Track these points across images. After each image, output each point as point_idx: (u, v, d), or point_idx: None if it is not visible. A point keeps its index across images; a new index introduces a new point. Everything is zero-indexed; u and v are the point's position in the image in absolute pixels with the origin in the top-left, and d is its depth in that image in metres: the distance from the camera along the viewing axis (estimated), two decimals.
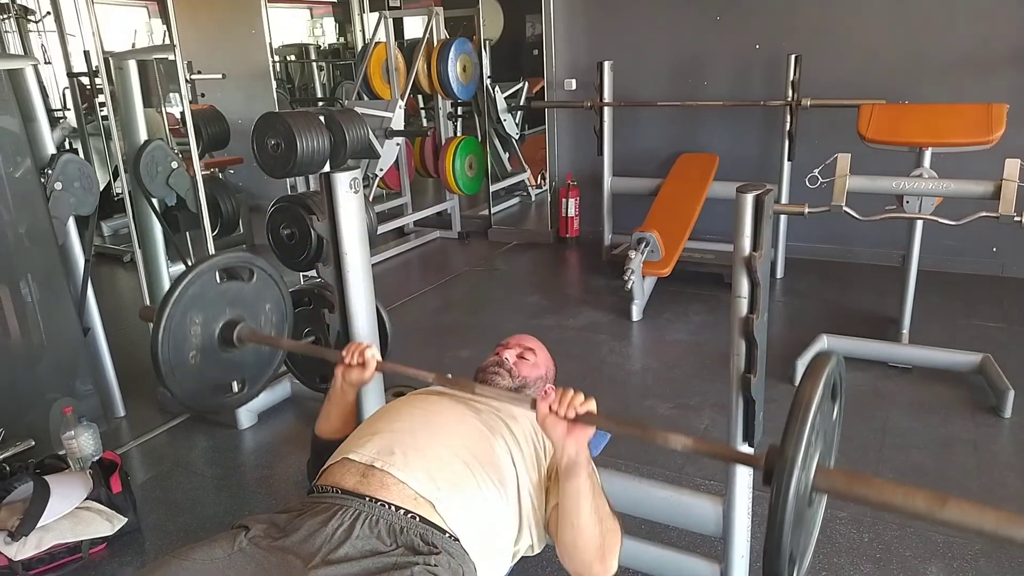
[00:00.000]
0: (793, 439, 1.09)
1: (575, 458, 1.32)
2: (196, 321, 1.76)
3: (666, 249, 3.71)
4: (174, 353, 1.72)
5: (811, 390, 1.14)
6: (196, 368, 1.78)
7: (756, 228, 1.41)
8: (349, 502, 1.27)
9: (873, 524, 2.09)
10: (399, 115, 4.58)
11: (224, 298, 1.82)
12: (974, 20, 3.81)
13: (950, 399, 2.77)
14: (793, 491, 1.07)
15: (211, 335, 1.80)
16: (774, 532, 1.07)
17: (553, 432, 1.31)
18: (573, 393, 1.32)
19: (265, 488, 2.47)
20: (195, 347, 1.77)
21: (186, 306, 1.73)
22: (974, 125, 2.78)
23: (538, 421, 1.33)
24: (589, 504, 1.33)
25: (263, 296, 1.93)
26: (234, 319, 1.83)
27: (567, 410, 1.29)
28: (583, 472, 1.32)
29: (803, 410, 1.11)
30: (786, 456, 1.07)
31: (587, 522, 1.33)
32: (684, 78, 4.59)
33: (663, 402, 2.86)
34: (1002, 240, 3.96)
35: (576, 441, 1.31)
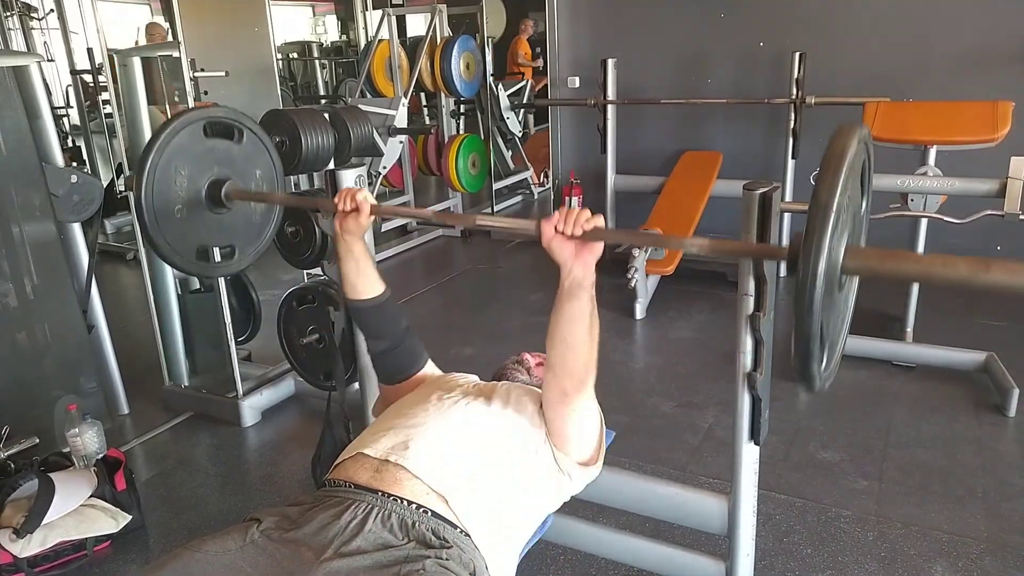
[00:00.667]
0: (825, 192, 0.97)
1: (581, 280, 1.30)
2: (182, 173, 1.71)
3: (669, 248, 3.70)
4: (158, 202, 1.67)
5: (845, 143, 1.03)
6: (182, 223, 1.74)
7: (763, 226, 1.41)
8: (362, 496, 1.27)
9: (878, 523, 2.09)
10: (402, 113, 4.57)
11: (211, 155, 1.78)
12: (979, 17, 3.80)
13: (954, 397, 2.76)
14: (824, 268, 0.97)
15: (198, 191, 1.76)
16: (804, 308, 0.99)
17: (560, 253, 1.28)
18: (578, 210, 1.28)
19: (269, 485, 2.47)
20: (181, 200, 1.73)
21: (171, 155, 1.68)
22: (979, 123, 2.78)
23: (543, 243, 1.29)
24: (586, 324, 1.33)
25: (253, 160, 1.88)
26: (222, 177, 1.79)
27: (573, 227, 1.26)
28: (585, 295, 1.31)
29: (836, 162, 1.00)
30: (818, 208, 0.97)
31: (581, 340, 1.33)
32: (688, 75, 4.58)
33: (667, 400, 2.86)
34: (1006, 238, 3.95)
35: (584, 263, 1.29)
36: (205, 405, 2.92)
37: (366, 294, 1.62)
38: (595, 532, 1.91)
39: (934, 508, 2.13)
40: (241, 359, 2.97)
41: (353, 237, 1.57)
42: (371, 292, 1.62)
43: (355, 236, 1.58)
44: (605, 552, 1.92)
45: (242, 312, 3.09)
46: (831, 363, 1.24)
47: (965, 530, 2.04)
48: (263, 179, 1.92)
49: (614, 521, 2.04)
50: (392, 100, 4.69)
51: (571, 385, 1.37)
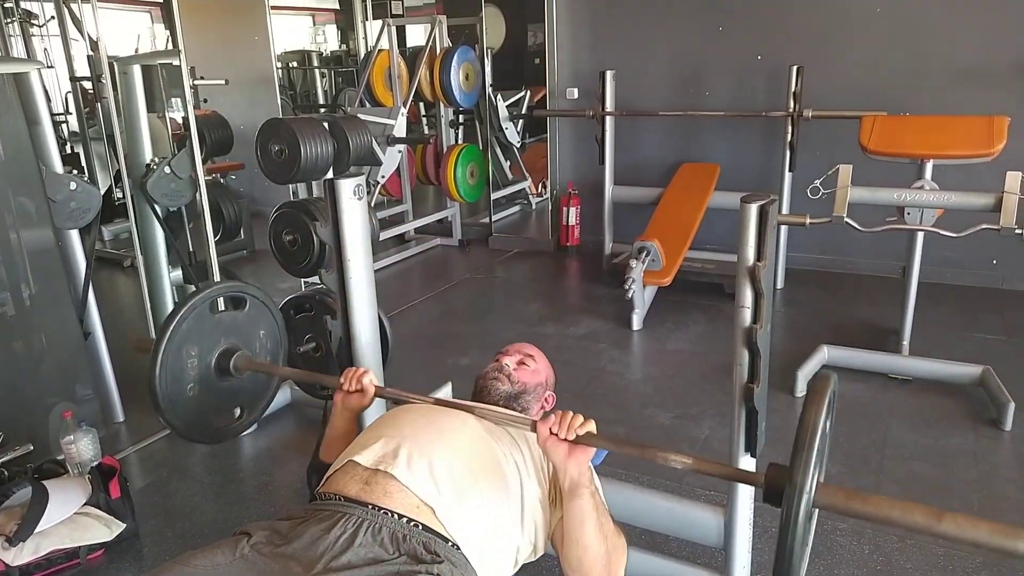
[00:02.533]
0: (800, 469, 1.12)
1: (577, 479, 1.33)
2: (192, 353, 1.79)
3: (667, 258, 3.71)
4: (171, 387, 1.75)
5: (815, 416, 1.17)
6: (194, 400, 1.81)
7: (760, 238, 1.42)
8: (352, 510, 1.27)
9: (874, 536, 2.08)
10: (401, 122, 4.58)
11: (218, 328, 1.85)
12: (975, 32, 3.83)
13: (950, 411, 2.76)
14: (802, 518, 1.11)
15: (207, 366, 1.83)
16: (784, 557, 1.11)
17: (554, 454, 1.33)
18: (572, 415, 1.33)
19: (264, 495, 2.46)
20: (192, 379, 1.80)
21: (181, 340, 1.76)
22: (976, 137, 2.79)
23: (539, 443, 1.35)
24: (593, 523, 1.34)
25: (257, 323, 1.96)
26: (230, 348, 1.86)
27: (567, 432, 1.31)
28: (585, 492, 1.34)
29: (808, 438, 1.15)
30: (795, 485, 1.11)
31: (592, 540, 1.34)
32: (686, 88, 4.60)
33: (663, 411, 2.85)
34: (1002, 252, 3.97)
35: (577, 463, 1.32)
36: None
37: None
38: None
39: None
40: None
41: (352, 413, 1.64)
42: None
43: (355, 413, 1.64)
44: None
45: None
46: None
47: (958, 544, 2.03)
48: (267, 337, 2.01)
49: None
50: (391, 110, 4.70)
51: None
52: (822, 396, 1.20)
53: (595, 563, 1.35)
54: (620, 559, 1.40)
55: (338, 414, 1.63)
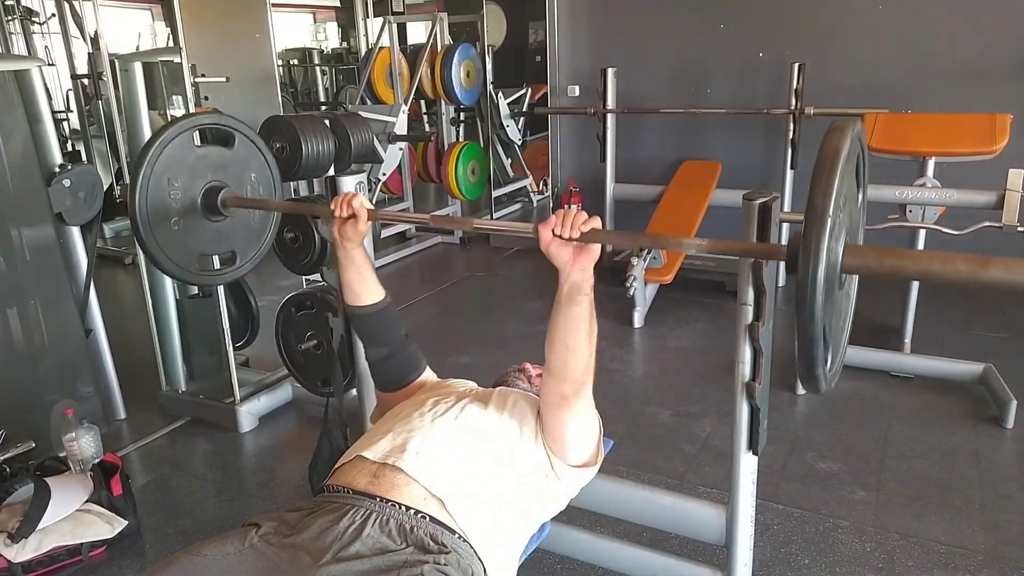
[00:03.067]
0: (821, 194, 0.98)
1: (580, 283, 1.31)
2: (175, 184, 1.70)
3: (668, 256, 3.71)
4: (154, 216, 1.66)
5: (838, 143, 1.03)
6: (180, 234, 1.73)
7: (762, 235, 1.41)
8: (360, 502, 1.27)
9: (876, 533, 2.09)
10: (402, 120, 4.58)
11: (204, 162, 1.76)
12: (978, 30, 3.82)
13: (952, 409, 2.76)
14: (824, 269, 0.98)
15: (193, 200, 1.74)
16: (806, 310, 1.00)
17: (559, 257, 1.29)
18: (575, 212, 1.29)
19: (266, 492, 2.46)
20: (176, 212, 1.72)
21: (163, 167, 1.67)
22: (978, 135, 2.79)
23: (542, 247, 1.30)
24: (586, 329, 1.34)
25: (247, 163, 1.86)
26: (216, 185, 1.77)
27: (571, 230, 1.27)
28: (585, 299, 1.32)
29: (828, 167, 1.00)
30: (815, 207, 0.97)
31: (581, 344, 1.34)
32: (687, 85, 4.60)
33: (665, 409, 2.85)
34: (1003, 250, 3.92)
35: (581, 266, 1.30)
36: (202, 410, 2.92)
37: (367, 300, 1.62)
38: (593, 541, 1.90)
39: (932, 519, 2.13)
40: (239, 364, 2.97)
41: (352, 244, 1.58)
42: (372, 298, 1.62)
43: (354, 243, 1.58)
44: (603, 561, 1.92)
45: (240, 318, 3.08)
46: (835, 363, 1.24)
47: (963, 542, 2.03)
48: (259, 182, 1.91)
49: (612, 530, 2.03)
50: (392, 107, 4.70)
51: (571, 389, 1.38)
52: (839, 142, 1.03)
53: (579, 365, 1.35)
54: (593, 365, 1.39)
55: (341, 250, 1.57)
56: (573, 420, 1.43)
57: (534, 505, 1.45)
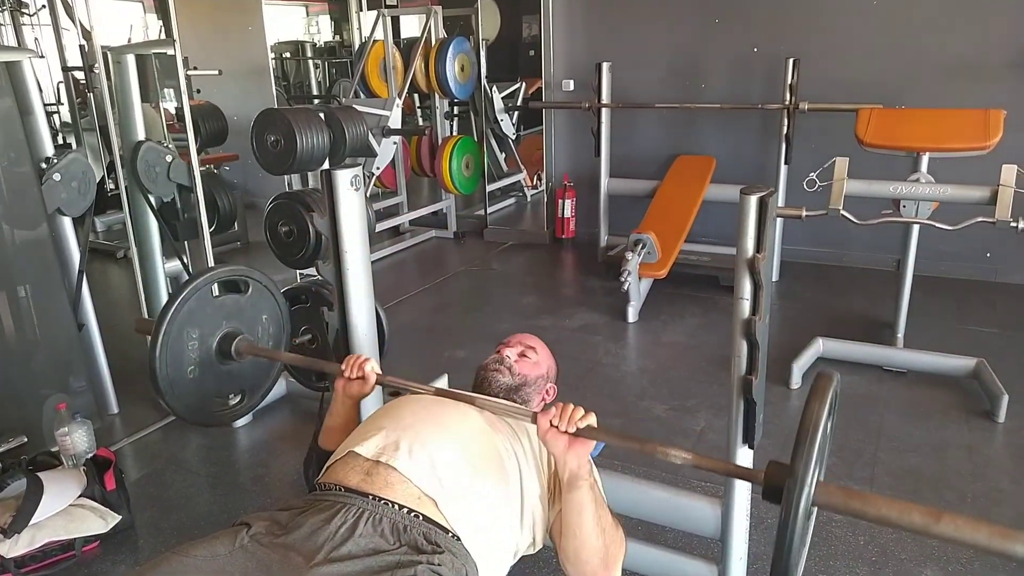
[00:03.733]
0: (802, 466, 1.12)
1: (576, 471, 1.33)
2: (193, 336, 1.78)
3: (663, 251, 3.71)
4: (172, 369, 1.74)
5: (818, 414, 1.18)
6: (194, 383, 1.80)
7: (760, 230, 1.42)
8: (353, 500, 1.26)
9: (869, 527, 2.09)
10: (396, 114, 4.57)
11: (220, 311, 1.84)
12: (972, 26, 3.83)
13: (945, 403, 2.78)
14: (801, 518, 1.11)
15: (208, 349, 1.82)
16: (783, 555, 1.11)
17: (554, 447, 1.33)
18: (573, 408, 1.33)
19: (260, 486, 2.45)
20: (193, 362, 1.79)
21: (183, 322, 1.75)
22: (971, 130, 2.79)
23: (539, 435, 1.34)
24: (592, 516, 1.35)
25: (259, 307, 1.95)
26: (231, 332, 1.85)
27: (567, 424, 1.31)
28: (584, 484, 1.34)
29: (810, 435, 1.15)
30: (795, 484, 1.11)
31: (590, 533, 1.34)
32: (682, 80, 4.60)
33: (659, 403, 2.86)
34: (996, 245, 3.98)
35: (577, 455, 1.32)
36: None
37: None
38: None
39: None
40: None
41: (353, 401, 1.62)
42: None
43: (355, 400, 1.62)
44: None
45: None
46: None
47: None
48: (270, 322, 1.99)
49: None
50: (386, 101, 4.69)
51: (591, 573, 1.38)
52: (824, 394, 1.20)
53: (592, 555, 1.35)
54: (618, 552, 1.40)
55: (339, 401, 1.62)
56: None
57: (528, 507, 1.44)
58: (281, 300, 2.04)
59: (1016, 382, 2.71)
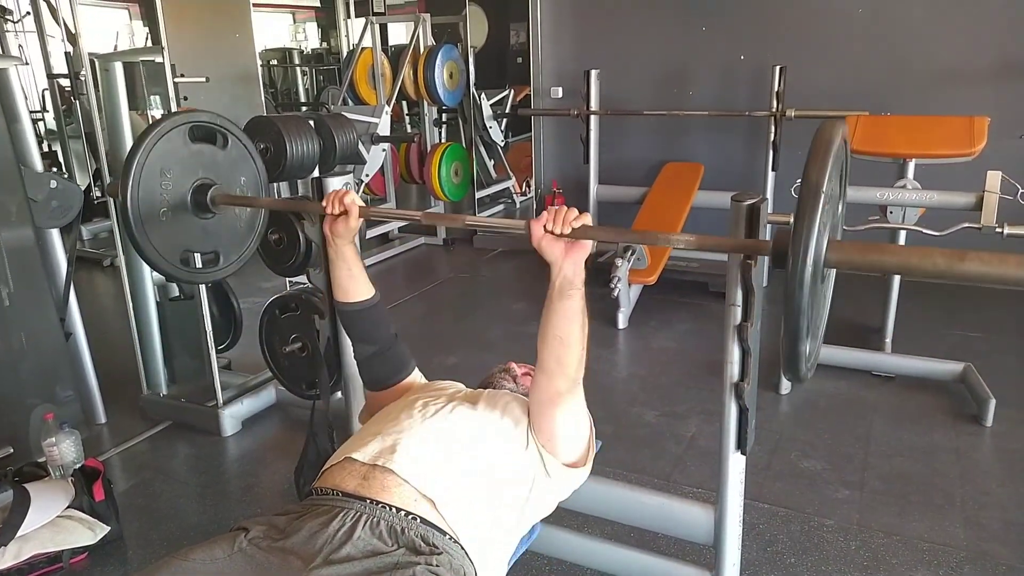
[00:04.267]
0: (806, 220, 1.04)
1: (571, 278, 1.33)
2: (167, 176, 1.70)
3: (652, 257, 3.72)
4: (144, 205, 1.66)
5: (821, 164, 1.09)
6: (167, 226, 1.72)
7: (751, 236, 1.42)
8: (350, 504, 1.26)
9: (860, 532, 2.11)
10: (385, 120, 4.57)
11: (197, 159, 1.76)
12: (956, 34, 3.88)
13: (933, 407, 2.80)
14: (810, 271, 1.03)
15: (183, 194, 1.74)
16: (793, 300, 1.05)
17: (550, 252, 1.32)
18: (567, 209, 1.31)
19: (250, 496, 2.44)
20: (166, 204, 1.71)
21: (157, 157, 1.67)
22: (957, 137, 2.83)
23: (534, 243, 1.33)
24: (579, 322, 1.36)
25: (238, 166, 1.87)
26: (207, 182, 1.78)
27: (562, 226, 1.29)
28: (577, 292, 1.34)
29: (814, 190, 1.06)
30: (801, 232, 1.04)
31: (575, 338, 1.36)
32: (670, 87, 4.62)
33: (650, 409, 2.86)
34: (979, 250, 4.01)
35: (573, 261, 1.32)
36: (184, 414, 2.88)
37: (356, 297, 1.63)
38: (581, 542, 1.90)
39: (915, 517, 2.16)
40: (221, 368, 2.94)
41: (343, 241, 1.59)
42: (361, 295, 1.63)
43: (345, 240, 1.59)
44: (591, 562, 1.92)
45: (223, 320, 3.05)
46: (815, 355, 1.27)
47: (945, 539, 2.06)
48: (247, 186, 1.91)
49: (599, 531, 2.04)
50: (375, 108, 4.68)
51: (564, 385, 1.40)
52: (828, 143, 1.11)
53: (572, 359, 1.37)
54: (585, 357, 1.41)
55: (331, 247, 1.60)
56: (565, 416, 1.44)
57: (525, 506, 1.44)
58: (260, 163, 1.93)
59: (1003, 386, 2.74)
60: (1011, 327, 3.52)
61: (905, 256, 1.05)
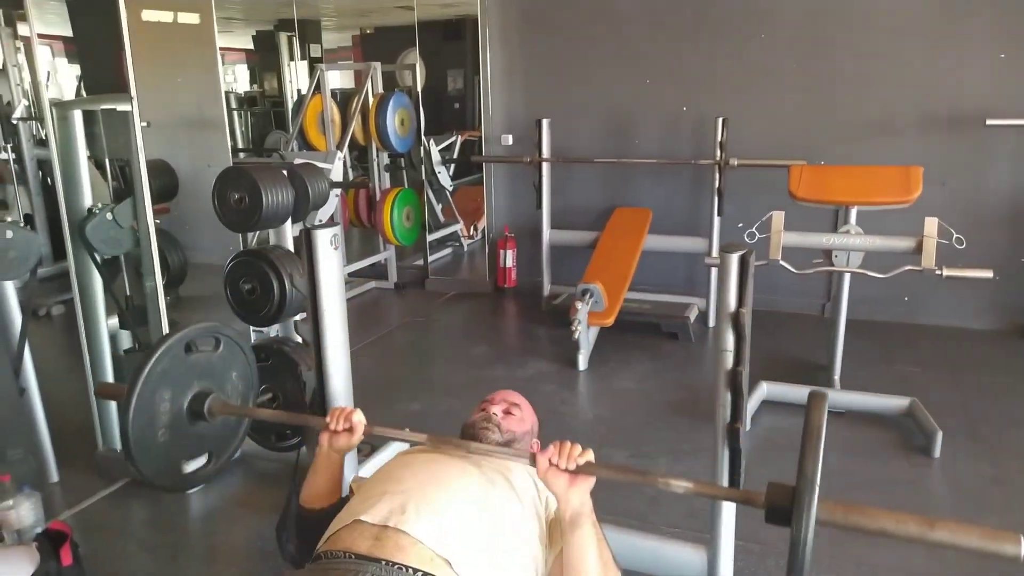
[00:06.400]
0: (808, 480, 1.17)
1: (579, 509, 1.36)
2: (165, 398, 1.73)
3: (609, 299, 3.81)
4: (144, 433, 1.68)
5: (817, 433, 1.25)
6: (164, 445, 1.75)
7: (741, 285, 1.51)
8: (364, 567, 1.25)
9: (832, 564, 2.19)
10: (338, 167, 4.57)
11: (192, 371, 1.80)
12: (881, 88, 4.16)
13: (884, 441, 2.94)
14: (811, 535, 1.16)
15: (180, 410, 1.77)
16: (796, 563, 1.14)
17: (555, 485, 1.35)
18: (571, 445, 1.36)
19: (223, 555, 2.36)
20: (164, 424, 1.74)
21: (156, 382, 1.70)
22: (894, 186, 3.03)
23: (539, 475, 1.37)
24: (595, 552, 1.37)
25: (230, 364, 1.92)
26: (203, 391, 1.81)
27: (567, 462, 1.33)
28: (587, 522, 1.37)
29: (813, 453, 1.21)
30: (804, 498, 1.17)
31: (594, 570, 1.36)
32: (617, 136, 4.78)
33: (619, 450, 2.91)
34: (913, 290, 4.26)
35: (579, 492, 1.36)
36: None
37: (327, 503, 1.63)
38: None
39: (881, 549, 2.25)
40: None
41: (339, 455, 1.63)
42: (332, 499, 1.65)
43: (342, 453, 1.63)
44: None
45: None
46: None
47: (911, 568, 2.17)
48: (239, 380, 1.96)
49: None
50: (327, 154, 4.69)
51: None
52: (820, 413, 1.28)
53: None
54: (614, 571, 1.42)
55: (323, 456, 1.61)
56: None
57: (532, 564, 1.46)
58: (250, 354, 2.00)
59: (946, 418, 2.90)
60: (948, 362, 3.74)
61: (882, 520, 1.20)
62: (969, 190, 4.07)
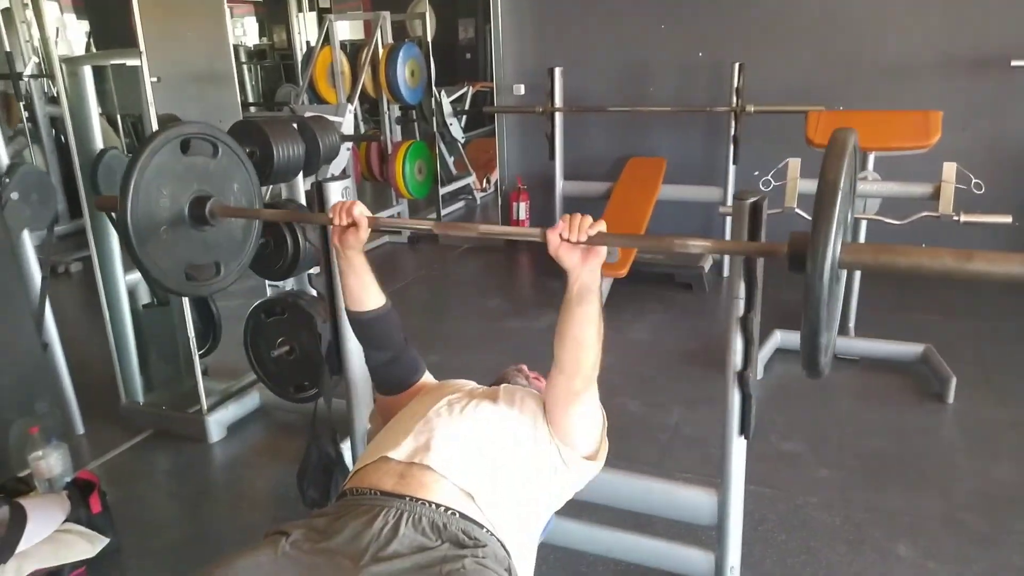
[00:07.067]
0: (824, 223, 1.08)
1: (589, 284, 1.37)
2: (164, 192, 1.69)
3: (622, 250, 3.80)
4: (144, 224, 1.65)
5: (836, 170, 1.12)
6: (168, 244, 1.72)
7: (754, 232, 1.50)
8: (390, 502, 1.29)
9: (843, 508, 2.22)
10: (349, 119, 4.54)
11: (191, 172, 1.76)
12: (902, 31, 4.05)
13: (899, 387, 2.95)
14: (828, 274, 1.09)
15: (181, 209, 1.74)
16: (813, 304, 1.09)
17: (568, 259, 1.35)
18: (581, 216, 1.35)
19: (245, 502, 2.43)
20: (165, 220, 1.71)
21: (153, 175, 1.66)
22: (913, 131, 2.97)
23: (551, 251, 1.36)
24: (596, 326, 1.40)
25: (230, 174, 1.86)
26: (203, 194, 1.77)
27: (579, 234, 1.33)
28: (595, 298, 1.39)
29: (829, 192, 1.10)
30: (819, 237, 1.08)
31: (593, 340, 1.40)
32: (631, 84, 4.71)
33: (632, 400, 2.94)
34: (929, 238, 4.20)
35: (591, 268, 1.36)
36: (166, 422, 2.84)
37: (368, 306, 1.64)
38: (584, 529, 1.95)
39: (893, 492, 2.28)
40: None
41: (354, 251, 1.60)
42: (373, 304, 1.65)
43: (355, 250, 1.61)
44: (595, 548, 1.97)
45: (202, 325, 3.01)
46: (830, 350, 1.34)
47: (922, 511, 2.19)
48: (241, 192, 1.90)
49: (597, 518, 2.09)
50: (337, 107, 4.66)
51: (581, 383, 1.44)
52: (841, 150, 1.15)
53: (589, 360, 1.41)
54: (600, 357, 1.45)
55: (342, 260, 1.62)
56: (581, 413, 1.49)
57: (548, 498, 1.50)
58: (251, 169, 1.93)
59: (960, 365, 2.90)
60: (962, 310, 3.71)
61: (915, 257, 1.10)
62: (991, 135, 3.99)
